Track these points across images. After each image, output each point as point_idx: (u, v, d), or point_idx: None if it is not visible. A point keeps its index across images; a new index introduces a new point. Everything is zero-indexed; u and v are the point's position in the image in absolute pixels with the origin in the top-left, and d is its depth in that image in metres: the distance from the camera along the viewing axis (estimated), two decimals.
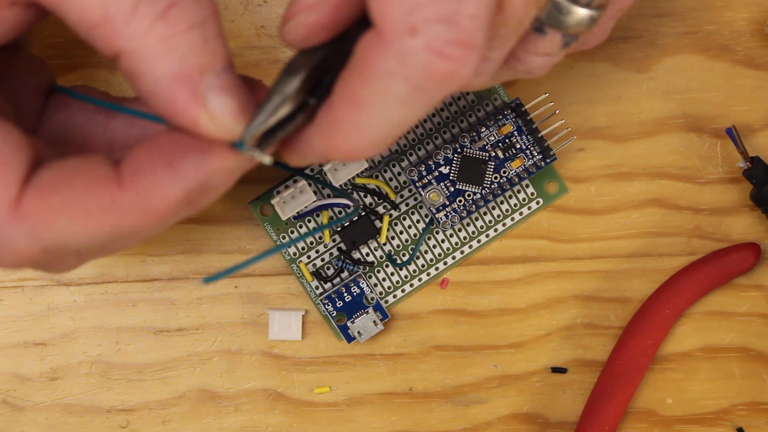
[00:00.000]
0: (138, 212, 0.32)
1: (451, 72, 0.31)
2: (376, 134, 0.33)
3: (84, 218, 0.32)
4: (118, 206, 0.32)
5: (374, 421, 0.48)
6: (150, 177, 0.32)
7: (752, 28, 0.48)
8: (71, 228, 0.32)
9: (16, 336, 0.48)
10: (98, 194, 0.32)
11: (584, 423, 0.47)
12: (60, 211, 0.32)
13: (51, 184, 0.32)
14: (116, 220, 0.32)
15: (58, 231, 0.32)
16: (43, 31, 0.47)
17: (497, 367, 0.48)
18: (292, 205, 0.47)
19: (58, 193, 0.32)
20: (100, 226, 0.32)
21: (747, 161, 0.46)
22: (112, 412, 0.48)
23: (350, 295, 0.47)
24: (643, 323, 0.47)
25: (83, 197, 0.32)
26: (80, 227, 0.32)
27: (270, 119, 0.33)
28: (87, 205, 0.32)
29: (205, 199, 0.34)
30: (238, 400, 0.48)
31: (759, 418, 0.48)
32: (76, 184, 0.32)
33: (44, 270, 0.36)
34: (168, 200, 0.32)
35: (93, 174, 0.33)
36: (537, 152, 0.47)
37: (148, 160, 0.32)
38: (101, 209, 0.32)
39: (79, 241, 0.33)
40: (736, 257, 0.47)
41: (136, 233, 0.33)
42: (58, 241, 0.33)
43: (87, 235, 0.33)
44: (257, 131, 0.33)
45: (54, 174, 0.33)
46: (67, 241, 0.33)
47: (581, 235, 0.48)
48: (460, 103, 0.48)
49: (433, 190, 0.46)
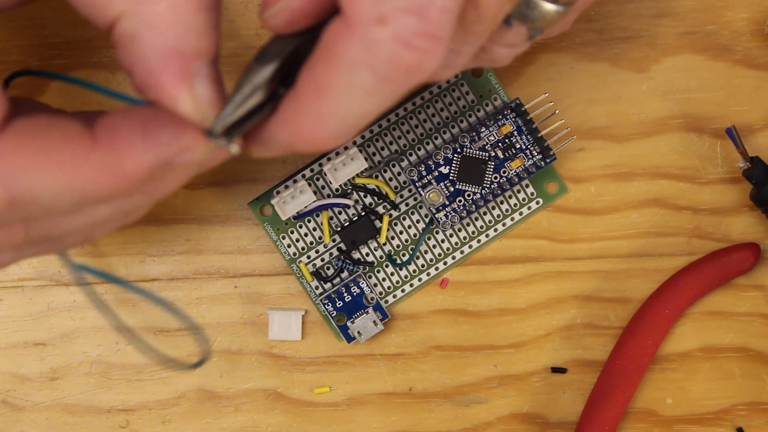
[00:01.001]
0: (109, 172, 0.32)
1: (417, 63, 0.31)
2: (339, 124, 0.33)
3: (56, 170, 0.32)
4: (91, 163, 0.32)
5: (374, 421, 0.48)
6: (126, 139, 0.32)
7: (752, 28, 0.48)
8: (42, 178, 0.32)
9: (15, 336, 0.48)
10: (72, 148, 0.32)
11: (584, 423, 0.47)
12: (33, 158, 0.32)
13: (26, 131, 0.32)
14: (87, 178, 0.32)
15: (29, 179, 0.32)
16: (43, 31, 0.47)
17: (497, 367, 0.48)
18: (291, 205, 0.47)
19: (32, 140, 0.32)
20: (71, 181, 0.32)
21: (747, 161, 0.46)
22: (111, 412, 0.48)
23: (350, 295, 0.47)
24: (643, 323, 0.47)
25: (57, 148, 0.32)
26: (51, 179, 0.32)
27: (240, 109, 0.33)
28: (60, 156, 0.32)
29: (165, 183, 0.34)
30: (238, 400, 0.48)
31: (759, 418, 0.48)
32: (51, 134, 0.32)
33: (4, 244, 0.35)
34: (139, 165, 0.32)
35: (69, 128, 0.33)
36: (537, 152, 0.47)
37: (125, 124, 0.32)
38: (74, 163, 0.32)
39: (49, 195, 0.32)
40: (736, 257, 0.47)
41: (103, 197, 0.33)
42: (28, 190, 0.32)
43: (57, 189, 0.32)
44: (227, 121, 0.33)
45: (30, 123, 0.33)
46: (37, 193, 0.32)
47: (581, 235, 0.48)
48: (460, 103, 0.48)
49: (433, 190, 0.46)
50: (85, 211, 0.34)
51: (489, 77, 0.48)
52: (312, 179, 0.47)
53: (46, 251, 0.37)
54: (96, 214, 0.35)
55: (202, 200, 0.48)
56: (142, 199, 0.35)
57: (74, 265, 0.42)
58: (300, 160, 0.48)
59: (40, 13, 0.47)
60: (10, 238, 0.35)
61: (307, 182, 0.47)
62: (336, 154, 0.47)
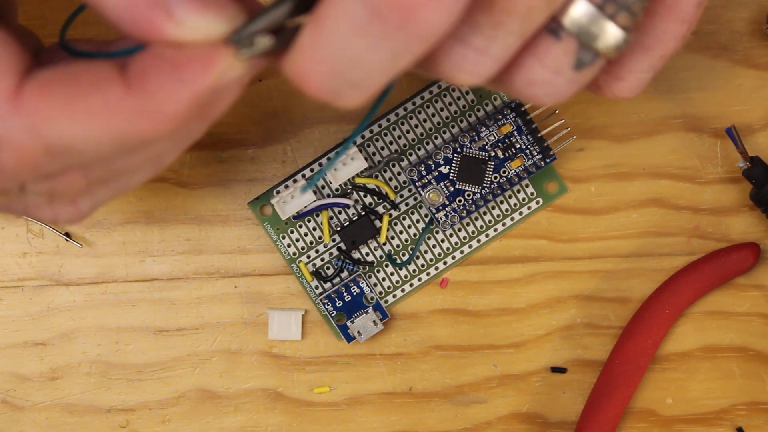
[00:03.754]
0: (147, 116, 0.31)
1: (412, 6, 0.28)
2: (331, 66, 0.30)
3: (88, 117, 0.31)
4: (125, 108, 0.31)
5: (374, 421, 0.48)
6: (158, 79, 0.30)
7: (752, 28, 0.48)
8: (75, 126, 0.31)
9: (15, 336, 0.48)
10: (104, 93, 0.31)
11: (584, 423, 0.47)
12: (63, 107, 0.31)
13: (54, 80, 0.31)
14: (123, 123, 0.31)
15: (61, 129, 0.31)
16: (43, 31, 0.47)
17: (497, 366, 0.48)
18: (291, 205, 0.47)
19: (61, 88, 0.31)
20: (106, 128, 0.31)
21: (747, 161, 0.46)
22: (111, 411, 0.48)
23: (350, 295, 0.47)
24: (643, 323, 0.47)
25: (88, 94, 0.31)
26: (84, 126, 0.31)
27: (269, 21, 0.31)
28: (92, 102, 0.31)
29: (216, 106, 0.32)
30: (238, 399, 0.48)
31: (759, 418, 0.48)
32: (81, 80, 0.31)
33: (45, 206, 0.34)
34: (178, 105, 0.31)
35: (99, 73, 0.31)
36: (537, 152, 0.47)
37: (154, 65, 0.31)
38: (107, 109, 0.31)
39: (84, 143, 0.31)
40: (736, 257, 0.47)
41: (145, 142, 0.31)
42: (61, 140, 0.31)
43: (92, 136, 0.31)
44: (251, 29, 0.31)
45: (58, 71, 0.31)
46: (71, 142, 0.31)
47: (581, 235, 0.48)
48: (460, 103, 0.48)
49: (432, 189, 0.46)
50: (142, 150, 0.33)
51: None
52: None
53: (119, 190, 0.35)
54: (155, 150, 0.33)
55: (202, 200, 0.48)
56: (199, 123, 0.33)
57: None
58: (300, 160, 0.48)
59: (39, 13, 0.47)
60: (73, 186, 0.34)
61: (306, 182, 0.47)
62: (336, 153, 0.47)
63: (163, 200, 0.48)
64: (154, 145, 0.33)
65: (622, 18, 0.31)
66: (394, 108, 0.47)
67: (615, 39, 0.31)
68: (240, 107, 0.48)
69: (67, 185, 0.34)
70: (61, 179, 0.33)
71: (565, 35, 0.31)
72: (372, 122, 0.47)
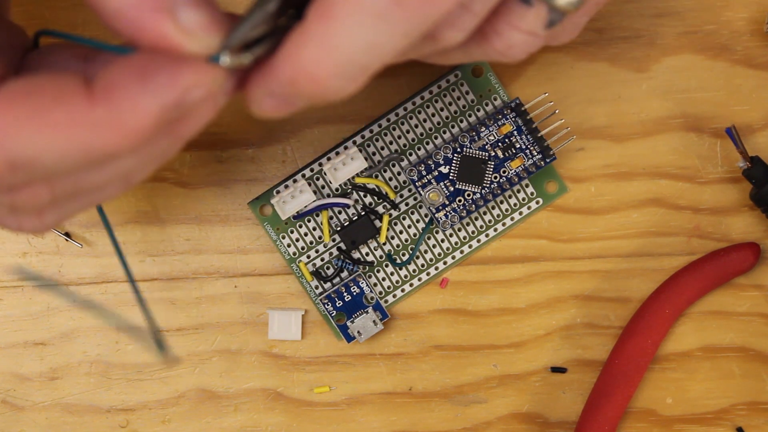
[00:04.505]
0: (110, 129, 0.31)
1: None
2: (345, 56, 0.30)
3: (52, 131, 0.31)
4: (89, 121, 0.30)
5: (374, 420, 0.48)
6: (122, 91, 0.30)
7: (752, 27, 0.48)
8: (38, 140, 0.31)
9: (15, 336, 0.48)
10: (68, 106, 0.31)
11: (584, 423, 0.47)
12: (26, 120, 0.31)
13: (18, 93, 0.31)
14: (87, 136, 0.31)
15: (24, 143, 0.31)
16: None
17: (497, 366, 0.48)
18: (291, 204, 0.47)
19: (25, 102, 0.31)
20: (69, 141, 0.31)
21: (747, 161, 0.46)
22: (111, 411, 0.48)
23: (350, 295, 0.47)
24: (643, 323, 0.47)
25: (52, 108, 0.31)
26: (48, 140, 0.31)
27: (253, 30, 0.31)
28: (55, 116, 0.31)
29: (187, 124, 0.32)
30: (238, 399, 0.48)
31: (759, 417, 0.48)
32: (44, 94, 0.31)
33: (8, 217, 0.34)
34: (142, 116, 0.30)
35: (63, 86, 0.31)
36: (537, 152, 0.47)
37: (120, 75, 0.31)
38: (71, 122, 0.31)
39: (47, 156, 0.31)
40: (736, 257, 0.47)
41: (109, 156, 0.31)
42: (24, 153, 0.31)
43: (55, 150, 0.31)
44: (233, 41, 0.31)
45: (22, 85, 0.31)
46: (33, 155, 0.31)
47: (581, 235, 0.48)
48: (460, 102, 0.48)
49: (432, 189, 0.46)
50: (108, 165, 0.33)
51: (489, 77, 0.48)
52: (312, 179, 0.47)
53: (87, 205, 0.35)
54: (122, 166, 0.33)
55: (202, 200, 0.48)
56: (169, 142, 0.33)
57: None
58: (300, 160, 0.48)
59: (40, 13, 0.47)
60: (36, 199, 0.33)
61: (306, 182, 0.47)
62: (336, 153, 0.47)
63: (163, 200, 0.48)
64: (121, 161, 0.33)
65: None
66: (394, 108, 0.48)
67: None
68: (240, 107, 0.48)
69: (30, 198, 0.34)
70: (24, 192, 0.33)
71: (535, 1, 0.34)
72: (372, 122, 0.48)
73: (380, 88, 0.48)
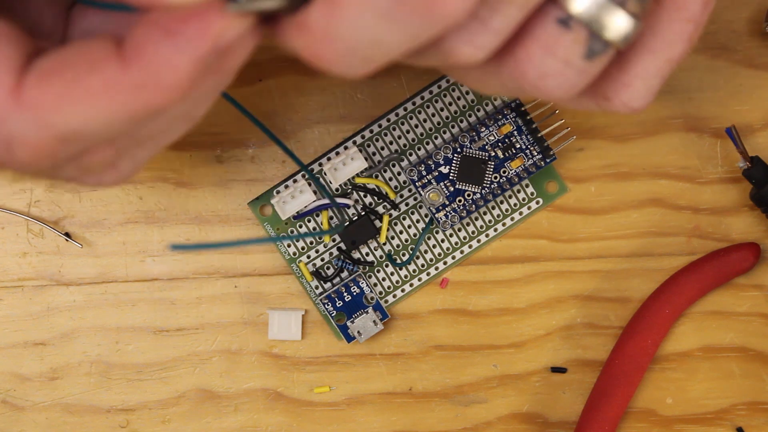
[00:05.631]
0: (149, 89, 0.30)
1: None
2: (347, 47, 0.30)
3: (91, 99, 0.30)
4: (127, 84, 0.30)
5: (374, 421, 0.48)
6: (152, 50, 0.30)
7: (752, 28, 0.48)
8: (79, 112, 0.30)
9: (15, 336, 0.48)
10: (101, 73, 0.30)
11: (584, 423, 0.47)
12: (63, 94, 0.30)
13: (51, 69, 0.31)
14: (127, 100, 0.30)
15: (65, 116, 0.31)
16: None
17: (497, 366, 0.48)
18: (291, 204, 0.47)
19: (59, 77, 0.31)
20: (110, 108, 0.30)
21: (747, 161, 0.46)
22: (111, 411, 0.48)
23: (350, 295, 0.47)
24: (643, 323, 0.47)
25: (87, 77, 0.30)
26: (88, 110, 0.30)
27: None
28: (91, 85, 0.30)
29: (229, 60, 0.31)
30: (238, 399, 0.48)
31: (759, 417, 0.48)
32: (76, 65, 0.31)
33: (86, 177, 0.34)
34: (178, 71, 0.30)
35: (94, 54, 0.31)
36: (537, 152, 0.47)
37: (147, 35, 0.30)
38: (107, 89, 0.30)
39: (93, 125, 0.31)
40: (736, 257, 0.47)
41: (155, 112, 0.31)
42: (69, 126, 0.31)
43: (99, 118, 0.31)
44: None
45: (54, 59, 0.31)
46: (79, 127, 0.31)
47: (581, 235, 0.48)
48: (460, 102, 0.48)
49: (432, 189, 0.46)
50: (161, 116, 0.32)
51: None
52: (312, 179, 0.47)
53: (157, 146, 0.35)
54: (177, 111, 0.33)
55: (202, 200, 0.48)
56: (218, 78, 0.32)
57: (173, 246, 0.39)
58: None
59: None
60: (104, 158, 0.33)
61: (307, 182, 0.47)
62: (336, 153, 0.47)
63: (163, 200, 0.48)
64: (173, 109, 0.32)
65: (631, 5, 0.31)
66: (394, 108, 0.48)
67: (624, 27, 0.31)
68: None
69: (96, 160, 0.33)
70: (88, 157, 0.33)
71: (574, 24, 0.31)
72: (372, 122, 0.48)
73: (380, 88, 0.48)
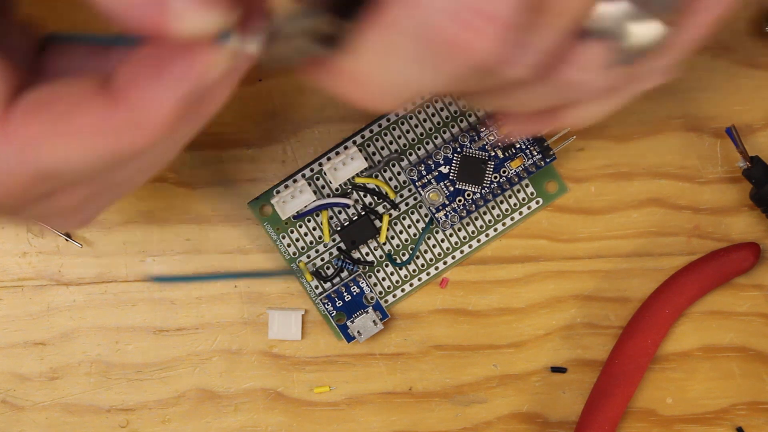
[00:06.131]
0: (134, 129, 0.30)
1: (466, 42, 0.28)
2: (377, 88, 0.30)
3: (75, 137, 0.30)
4: (111, 123, 0.30)
5: (374, 420, 0.48)
6: (140, 88, 0.30)
7: (752, 28, 0.48)
8: (63, 148, 0.30)
9: (15, 336, 0.48)
10: (88, 111, 0.30)
11: (584, 423, 0.47)
12: (49, 130, 0.30)
13: (38, 103, 0.31)
14: (111, 139, 0.30)
15: (49, 152, 0.30)
16: None
17: (497, 366, 0.48)
18: (291, 204, 0.47)
19: (46, 112, 0.30)
20: (94, 146, 0.31)
21: (747, 161, 0.46)
22: (111, 411, 0.48)
23: (350, 295, 0.47)
24: (643, 323, 0.47)
25: (73, 115, 0.30)
26: (72, 147, 0.30)
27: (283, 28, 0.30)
28: (77, 123, 0.30)
29: (208, 104, 0.32)
30: (238, 399, 0.48)
31: (759, 417, 0.48)
32: (64, 101, 0.31)
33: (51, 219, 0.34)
34: (164, 111, 0.30)
35: (82, 92, 0.31)
36: (537, 152, 0.47)
37: (135, 73, 0.30)
38: (93, 127, 0.30)
39: (74, 164, 0.31)
40: (736, 257, 0.47)
41: (136, 153, 0.31)
42: (51, 164, 0.31)
43: (82, 156, 0.31)
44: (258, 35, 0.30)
45: (41, 94, 0.31)
46: (60, 165, 0.31)
47: (581, 235, 0.48)
48: (460, 102, 0.48)
49: (432, 189, 0.46)
50: (137, 159, 0.32)
51: None
52: (312, 179, 0.47)
53: (123, 193, 0.35)
54: (149, 156, 0.33)
55: (202, 200, 0.48)
56: (193, 124, 0.33)
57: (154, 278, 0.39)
58: (300, 160, 0.48)
59: (40, 13, 0.47)
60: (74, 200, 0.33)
61: (306, 182, 0.47)
62: (336, 153, 0.47)
63: (163, 200, 0.48)
64: (149, 153, 0.32)
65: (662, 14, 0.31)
66: None
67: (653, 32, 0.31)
68: (240, 107, 0.48)
69: (65, 202, 0.33)
70: (58, 198, 0.33)
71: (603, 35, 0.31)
72: (372, 122, 0.48)
73: None
